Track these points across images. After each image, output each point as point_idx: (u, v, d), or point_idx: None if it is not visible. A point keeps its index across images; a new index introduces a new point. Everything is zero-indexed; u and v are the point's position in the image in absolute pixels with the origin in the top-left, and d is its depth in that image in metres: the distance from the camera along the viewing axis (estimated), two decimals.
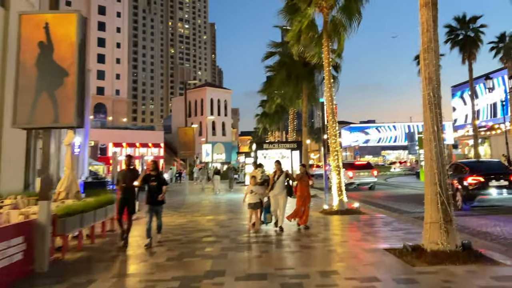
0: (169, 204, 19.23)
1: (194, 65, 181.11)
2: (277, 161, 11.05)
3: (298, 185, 11.09)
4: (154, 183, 9.16)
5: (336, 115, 14.06)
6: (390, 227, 10.68)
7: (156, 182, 9.18)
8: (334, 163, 13.81)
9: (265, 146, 22.71)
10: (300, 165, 12.17)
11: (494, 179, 13.43)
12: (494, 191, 13.32)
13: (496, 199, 13.47)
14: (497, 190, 13.31)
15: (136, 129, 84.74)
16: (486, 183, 13.33)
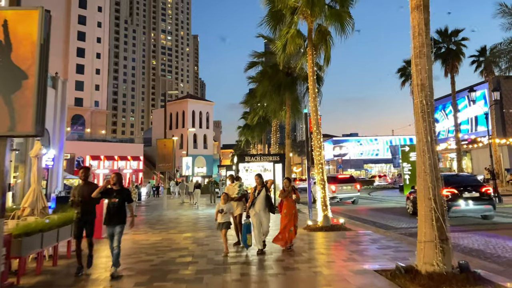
0: (145, 220, 18.35)
1: (176, 77, 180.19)
2: (257, 175, 9.82)
3: (284, 202, 9.94)
4: (116, 199, 7.61)
5: (321, 127, 13.50)
6: (378, 244, 10.07)
7: (118, 199, 7.63)
8: (318, 177, 13.20)
9: (247, 159, 21.94)
10: (285, 179, 10.71)
11: (466, 191, 14.31)
12: (466, 202, 14.19)
13: (468, 209, 14.27)
14: (469, 201, 14.19)
15: (115, 141, 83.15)
16: (460, 194, 14.20)
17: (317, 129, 13.32)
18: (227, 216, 9.58)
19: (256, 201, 9.54)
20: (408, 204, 18.11)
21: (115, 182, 7.77)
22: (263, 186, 9.64)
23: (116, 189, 7.73)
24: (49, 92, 37.01)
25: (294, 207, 9.99)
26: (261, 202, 9.52)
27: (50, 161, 37.70)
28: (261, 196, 9.54)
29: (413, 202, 16.99)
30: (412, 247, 9.41)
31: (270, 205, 9.72)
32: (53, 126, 37.78)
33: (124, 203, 7.76)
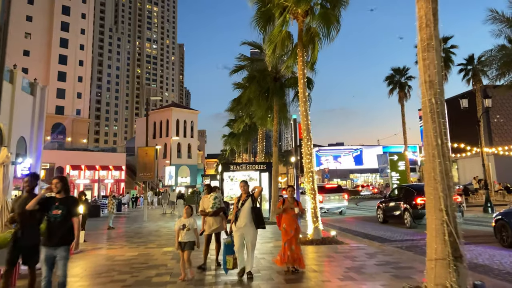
0: (122, 233, 17.20)
1: (161, 86, 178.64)
2: (243, 181, 8.20)
3: (285, 215, 8.32)
4: (58, 211, 5.68)
5: (311, 133, 12.67)
6: (375, 260, 9.20)
7: (62, 210, 5.70)
8: (309, 186, 12.33)
9: (231, 168, 20.97)
10: (288, 187, 8.96)
11: None
12: None
13: None
14: None
15: (97, 150, 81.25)
16: None
17: (307, 135, 12.49)
18: (191, 234, 7.82)
19: (239, 213, 7.77)
20: (378, 213, 18.82)
21: (60, 190, 5.82)
22: (249, 195, 7.93)
23: (59, 197, 5.81)
24: (27, 98, 35.56)
25: (295, 221, 8.38)
26: (246, 215, 7.72)
27: (26, 171, 36.22)
28: (246, 208, 7.77)
29: (383, 210, 18.23)
30: (413, 263, 8.60)
31: (258, 218, 7.78)
32: (30, 134, 36.29)
33: (70, 216, 5.76)
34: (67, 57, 76.35)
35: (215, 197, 8.99)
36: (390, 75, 40.07)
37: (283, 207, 8.36)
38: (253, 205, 7.86)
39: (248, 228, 7.75)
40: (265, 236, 14.53)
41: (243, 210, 7.81)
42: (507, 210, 11.51)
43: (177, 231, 7.88)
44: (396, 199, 17.27)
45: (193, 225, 7.92)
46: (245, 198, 7.94)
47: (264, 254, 10.38)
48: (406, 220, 15.87)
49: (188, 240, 7.78)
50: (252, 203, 7.86)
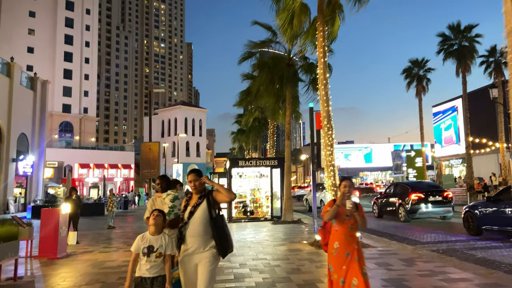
0: (121, 233, 15.71)
1: (169, 85, 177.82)
2: (192, 171, 4.29)
3: (336, 227, 4.68)
4: None
5: (332, 120, 11.05)
6: (414, 268, 7.57)
7: None
8: (329, 181, 10.73)
9: (240, 163, 19.42)
10: (343, 179, 4.97)
11: (431, 195, 16.42)
12: (431, 205, 16.27)
13: (432, 211, 16.36)
14: (433, 204, 16.31)
15: (105, 149, 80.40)
16: (426, 198, 16.26)
17: (328, 122, 10.88)
18: (159, 264, 4.14)
19: (186, 229, 4.09)
20: (374, 208, 20.12)
21: None
22: (203, 196, 4.19)
23: None
24: (27, 93, 34.32)
25: (354, 237, 4.72)
26: (199, 233, 4.03)
27: (28, 168, 35.03)
28: (198, 219, 4.06)
29: (379, 206, 19.56)
30: (467, 273, 6.97)
31: (222, 237, 4.08)
32: (32, 131, 35.10)
33: None
34: (73, 54, 75.32)
35: (173, 198, 5.10)
36: (407, 68, 38.31)
37: (332, 212, 4.61)
38: (212, 214, 4.08)
39: (201, 256, 4.00)
40: (277, 236, 12.97)
41: (193, 223, 4.04)
42: (474, 203, 13.16)
43: (134, 257, 4.19)
44: (392, 195, 18.35)
45: (167, 247, 4.15)
46: (197, 202, 4.13)
47: (279, 260, 8.79)
48: (400, 215, 17.04)
49: (158, 275, 4.09)
50: (210, 210, 4.08)
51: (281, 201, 18.73)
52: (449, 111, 53.85)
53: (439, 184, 29.34)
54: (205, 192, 4.19)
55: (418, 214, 16.23)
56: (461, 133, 49.86)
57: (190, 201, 4.22)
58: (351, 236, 4.62)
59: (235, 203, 19.04)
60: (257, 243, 11.48)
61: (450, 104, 53.59)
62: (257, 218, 19.00)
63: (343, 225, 4.62)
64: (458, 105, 50.66)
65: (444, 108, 55.03)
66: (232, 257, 9.21)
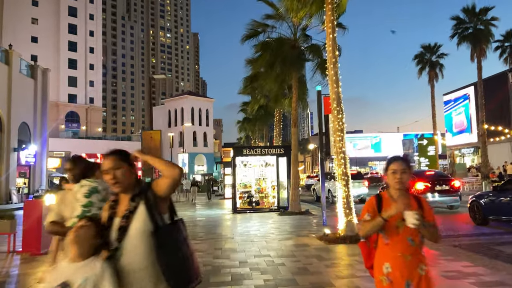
0: None
1: (176, 76, 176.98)
2: (110, 154, 2.42)
3: (386, 239, 2.79)
4: None
5: (342, 102, 10.00)
6: (438, 268, 6.55)
7: None
8: (339, 170, 9.73)
9: (245, 152, 18.47)
10: (394, 160, 2.86)
11: (438, 184, 15.89)
12: (438, 194, 15.69)
13: (439, 200, 15.76)
14: (440, 193, 15.74)
15: (112, 139, 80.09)
16: (432, 187, 15.67)
17: (338, 105, 9.85)
18: None
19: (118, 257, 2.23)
20: None
21: None
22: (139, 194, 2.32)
23: None
24: (27, 82, 33.54)
25: (419, 253, 2.78)
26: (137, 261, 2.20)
27: (31, 158, 34.37)
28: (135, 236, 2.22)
29: None
30: (502, 275, 5.97)
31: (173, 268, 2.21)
32: (33, 119, 34.40)
33: None
34: (77, 44, 74.63)
35: (90, 191, 3.07)
36: (419, 53, 36.98)
37: (373, 226, 2.77)
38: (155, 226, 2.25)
39: None
40: (283, 229, 12.03)
41: (127, 248, 2.21)
42: (480, 193, 13.00)
43: None
44: None
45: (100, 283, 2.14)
46: (128, 208, 2.29)
47: (284, 257, 7.84)
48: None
49: None
50: (152, 220, 2.26)
51: (288, 191, 17.80)
52: (460, 99, 52.34)
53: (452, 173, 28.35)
54: (141, 188, 2.35)
55: None
56: (473, 122, 48.50)
57: (116, 206, 2.35)
58: (412, 254, 2.74)
59: (240, 193, 18.14)
60: (261, 237, 10.56)
61: (461, 92, 52.07)
62: (262, 208, 18.11)
63: (398, 237, 2.75)
64: (470, 93, 49.22)
65: (455, 96, 53.52)
66: (232, 254, 8.30)
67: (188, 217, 17.23)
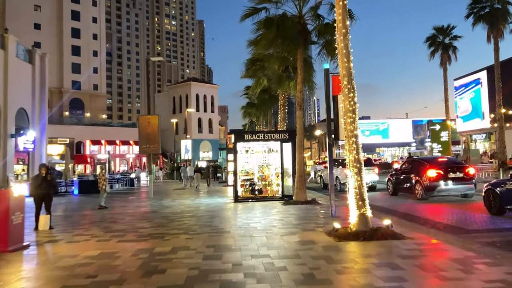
0: (108, 215, 13.57)
1: (182, 63, 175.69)
2: None
3: None
4: None
5: (353, 79, 8.68)
6: (477, 275, 5.33)
7: None
8: (351, 156, 8.45)
9: (246, 137, 17.19)
10: None
11: (451, 172, 15.09)
12: (452, 182, 14.90)
13: (453, 188, 15.03)
14: (454, 181, 14.91)
15: (117, 126, 79.38)
16: (445, 175, 14.95)
17: (348, 83, 8.53)
18: None
19: None
20: (388, 185, 18.81)
21: None
22: None
23: None
24: (24, 67, 32.30)
25: None
26: None
27: (29, 144, 33.29)
28: None
29: (393, 183, 18.20)
30: None
31: None
32: (32, 106, 33.30)
33: None
34: (80, 30, 73.53)
35: None
36: (431, 36, 35.33)
37: None
38: None
39: None
40: (287, 221, 10.84)
41: None
42: (496, 181, 12.34)
43: None
44: (408, 172, 17.13)
45: None
46: None
47: (286, 258, 6.63)
48: (417, 192, 15.75)
49: None
50: None
51: (293, 178, 16.62)
52: (472, 84, 50.57)
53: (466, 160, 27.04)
54: None
55: (436, 192, 15.08)
56: (485, 107, 46.87)
57: None
58: None
59: (241, 181, 16.96)
60: (261, 231, 9.39)
61: (473, 77, 50.27)
62: (266, 197, 16.95)
63: None
64: (482, 78, 47.47)
65: (466, 81, 51.73)
66: (226, 253, 7.13)
67: (186, 206, 16.12)
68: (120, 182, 31.85)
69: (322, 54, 15.63)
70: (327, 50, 15.25)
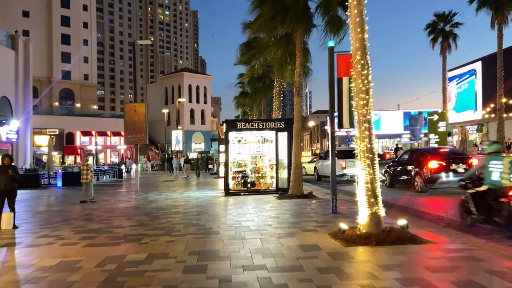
0: (87, 211, 12.14)
1: (175, 54, 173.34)
2: None
3: None
4: None
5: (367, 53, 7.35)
6: None
7: None
8: (362, 145, 7.17)
9: (239, 126, 15.86)
10: None
11: (454, 163, 14.43)
12: (453, 173, 14.10)
13: (454, 181, 13.82)
14: (456, 173, 14.03)
15: (108, 116, 77.76)
16: (447, 166, 14.32)
17: (362, 58, 7.13)
18: None
19: None
20: (385, 177, 17.95)
21: None
22: None
23: None
24: (7, 53, 30.66)
25: None
26: None
27: (13, 134, 31.65)
28: None
29: (391, 175, 17.42)
30: None
31: None
32: (15, 93, 31.70)
33: None
34: (70, 19, 71.50)
35: None
36: (432, 22, 34.11)
37: None
38: None
39: None
40: (283, 219, 9.58)
41: None
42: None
43: None
44: (407, 163, 16.46)
45: None
46: None
47: (286, 271, 5.38)
48: (416, 184, 15.07)
49: None
50: None
51: (288, 170, 15.38)
52: (466, 75, 49.59)
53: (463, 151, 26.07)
54: None
55: (437, 184, 14.44)
56: (478, 98, 45.99)
57: None
58: None
59: (233, 173, 15.75)
60: (255, 232, 8.13)
61: (467, 68, 49.23)
62: (259, 190, 15.73)
63: None
64: (477, 69, 46.49)
65: (460, 72, 50.71)
66: (213, 262, 5.85)
67: (172, 200, 14.81)
68: (107, 174, 30.45)
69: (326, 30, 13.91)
70: (332, 26, 13.52)
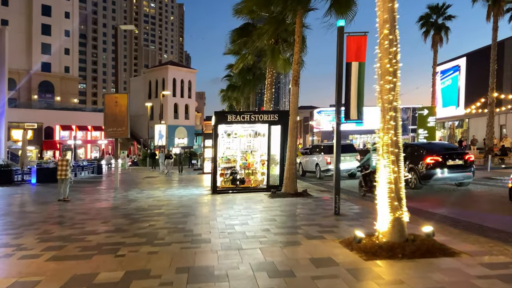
0: (57, 212, 10.74)
1: (160, 47, 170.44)
2: None
3: None
4: None
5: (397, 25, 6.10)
6: None
7: None
8: (386, 137, 5.98)
9: (229, 118, 14.62)
10: None
11: (450, 159, 13.98)
12: (450, 170, 13.77)
13: (449, 177, 13.91)
14: (452, 169, 13.79)
15: (89, 111, 75.48)
16: (443, 162, 13.85)
17: (391, 32, 5.80)
18: None
19: None
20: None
21: None
22: None
23: None
24: None
25: None
26: None
27: None
28: None
29: None
30: None
31: None
32: None
33: None
34: (51, 8, 68.77)
35: None
36: (425, 15, 33.26)
37: None
38: None
39: None
40: (281, 222, 8.33)
41: None
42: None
43: None
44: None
45: None
46: None
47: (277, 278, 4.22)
48: (410, 181, 14.41)
49: None
50: None
51: (281, 166, 14.25)
52: (450, 71, 49.11)
53: None
54: None
55: (432, 180, 13.94)
56: (461, 94, 45.69)
57: None
58: None
59: (221, 169, 14.51)
60: (252, 239, 6.92)
61: (452, 64, 48.77)
62: (248, 188, 14.56)
63: None
64: (461, 65, 46.12)
65: (445, 67, 50.21)
66: (207, 284, 4.62)
67: (155, 199, 13.49)
68: (86, 170, 28.87)
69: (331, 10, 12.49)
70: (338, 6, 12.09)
